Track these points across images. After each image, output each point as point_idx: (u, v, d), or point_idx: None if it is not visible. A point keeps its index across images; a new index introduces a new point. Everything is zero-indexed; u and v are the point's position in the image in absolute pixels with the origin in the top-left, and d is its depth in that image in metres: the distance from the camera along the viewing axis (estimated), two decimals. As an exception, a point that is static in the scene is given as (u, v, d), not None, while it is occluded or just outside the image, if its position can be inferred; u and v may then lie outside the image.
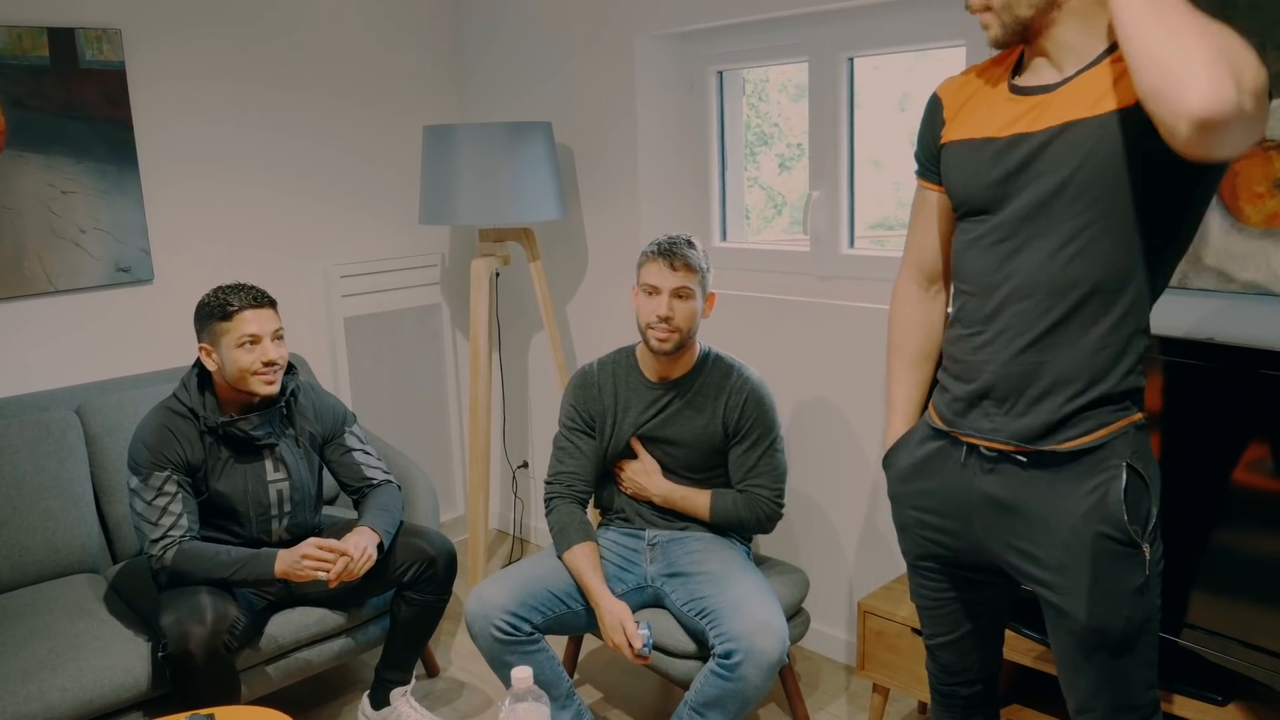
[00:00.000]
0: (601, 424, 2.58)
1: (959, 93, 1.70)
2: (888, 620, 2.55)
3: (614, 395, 2.58)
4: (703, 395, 2.52)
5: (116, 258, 3.08)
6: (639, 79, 3.30)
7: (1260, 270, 2.11)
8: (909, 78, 2.99)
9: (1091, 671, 1.61)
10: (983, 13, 1.56)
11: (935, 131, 1.73)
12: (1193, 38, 1.24)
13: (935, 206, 1.78)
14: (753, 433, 2.50)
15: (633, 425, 2.56)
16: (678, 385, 2.53)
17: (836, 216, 3.01)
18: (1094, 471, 1.54)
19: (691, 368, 2.54)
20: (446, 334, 3.99)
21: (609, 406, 2.58)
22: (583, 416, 2.59)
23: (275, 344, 2.48)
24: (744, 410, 2.49)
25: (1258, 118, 1.24)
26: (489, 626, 2.36)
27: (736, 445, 2.52)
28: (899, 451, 1.82)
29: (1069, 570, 1.56)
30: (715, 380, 2.52)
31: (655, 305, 2.42)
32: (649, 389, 2.55)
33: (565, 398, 2.63)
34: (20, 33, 2.84)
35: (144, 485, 2.40)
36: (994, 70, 1.66)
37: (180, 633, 2.24)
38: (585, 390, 2.60)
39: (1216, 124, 1.22)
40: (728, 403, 2.50)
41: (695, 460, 2.55)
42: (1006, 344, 1.58)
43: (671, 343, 2.43)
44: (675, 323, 2.41)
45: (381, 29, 3.69)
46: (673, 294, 2.42)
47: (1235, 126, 1.22)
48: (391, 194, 3.79)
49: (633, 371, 2.58)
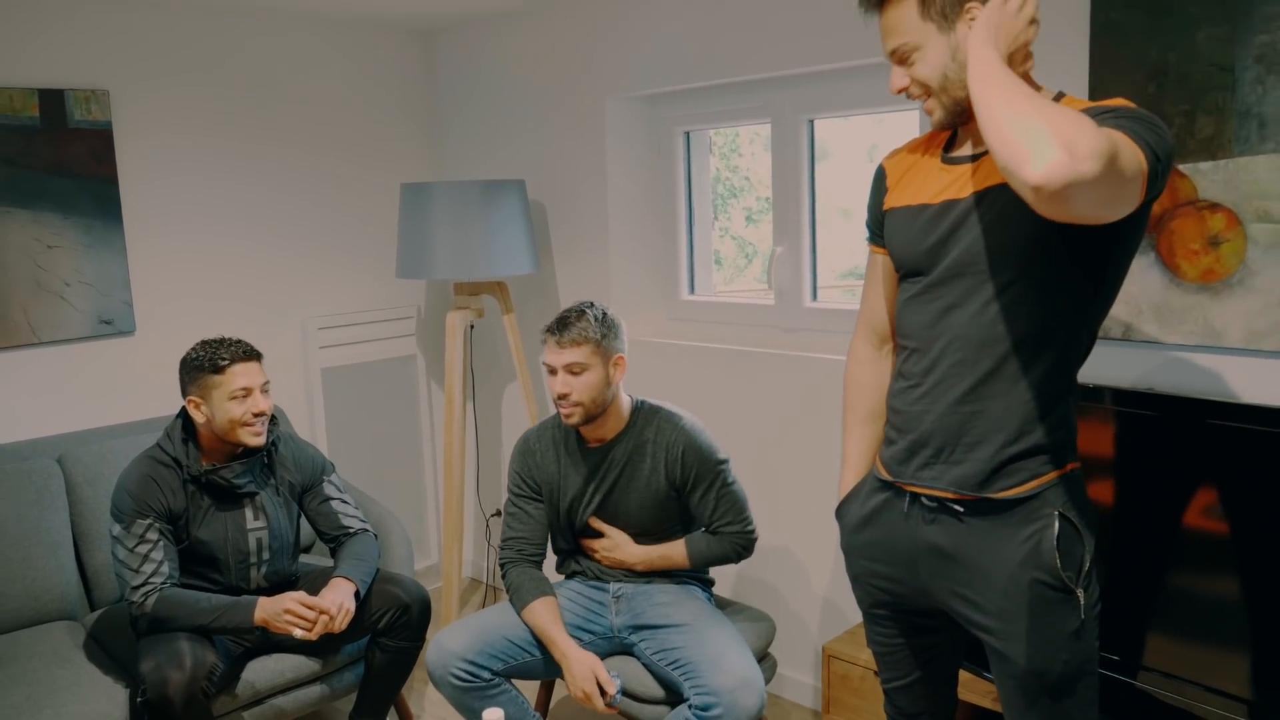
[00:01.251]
0: (549, 490, 2.62)
1: (900, 164, 1.84)
2: (851, 664, 2.63)
3: (556, 462, 2.61)
4: (640, 452, 2.55)
5: (100, 310, 3.16)
6: (609, 138, 3.43)
7: (1198, 323, 2.23)
8: (877, 129, 3.12)
9: (1034, 715, 1.68)
10: (925, 99, 1.68)
11: (880, 199, 1.87)
12: (1031, 116, 1.36)
13: (883, 269, 1.90)
14: (702, 479, 2.53)
15: (576, 494, 2.59)
16: (614, 445, 2.57)
17: (799, 270, 3.13)
18: (1028, 520, 1.63)
19: (625, 425, 2.57)
20: (422, 384, 4.07)
21: (552, 474, 2.61)
22: (528, 483, 2.63)
23: (264, 396, 2.56)
24: (684, 461, 2.52)
25: (1107, 179, 1.34)
26: (447, 674, 2.42)
27: (690, 494, 2.55)
28: (850, 504, 1.91)
29: (1008, 616, 1.64)
30: (650, 435, 2.55)
31: (553, 384, 2.47)
32: (587, 455, 2.58)
33: (511, 464, 2.67)
34: (12, 93, 2.93)
35: (126, 532, 2.46)
36: (931, 143, 1.80)
37: (159, 678, 2.29)
38: (527, 458, 2.64)
39: (1056, 192, 1.32)
40: (667, 457, 2.52)
41: (647, 520, 2.58)
42: (942, 395, 1.68)
43: (577, 416, 2.47)
44: (574, 398, 2.45)
45: (360, 89, 3.81)
46: (566, 370, 2.45)
47: (1078, 191, 1.32)
48: (369, 248, 3.89)
49: (569, 436, 2.61)
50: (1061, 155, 1.31)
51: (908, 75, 1.67)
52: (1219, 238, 2.17)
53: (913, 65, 1.66)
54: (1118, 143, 1.37)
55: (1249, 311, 2.15)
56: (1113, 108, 1.50)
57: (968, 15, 1.59)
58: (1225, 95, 2.13)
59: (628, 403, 2.59)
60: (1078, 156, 1.31)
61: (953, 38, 1.61)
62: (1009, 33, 1.55)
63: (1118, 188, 1.38)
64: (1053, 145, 1.32)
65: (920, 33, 1.63)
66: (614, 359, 2.49)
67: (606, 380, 2.47)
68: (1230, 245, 2.16)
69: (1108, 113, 1.49)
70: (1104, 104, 1.53)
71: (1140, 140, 1.43)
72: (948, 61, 1.62)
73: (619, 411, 2.56)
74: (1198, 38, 2.15)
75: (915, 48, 1.64)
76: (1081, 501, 1.67)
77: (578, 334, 2.44)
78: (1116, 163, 1.35)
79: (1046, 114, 1.35)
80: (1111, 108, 1.50)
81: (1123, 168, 1.37)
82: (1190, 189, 2.20)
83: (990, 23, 1.54)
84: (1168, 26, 2.19)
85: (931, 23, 1.61)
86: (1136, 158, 1.40)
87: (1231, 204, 2.15)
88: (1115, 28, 2.26)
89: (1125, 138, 1.41)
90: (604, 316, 2.49)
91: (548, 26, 3.56)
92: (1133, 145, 1.41)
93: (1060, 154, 1.31)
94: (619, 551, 2.61)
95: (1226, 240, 2.16)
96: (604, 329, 2.47)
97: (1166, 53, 2.20)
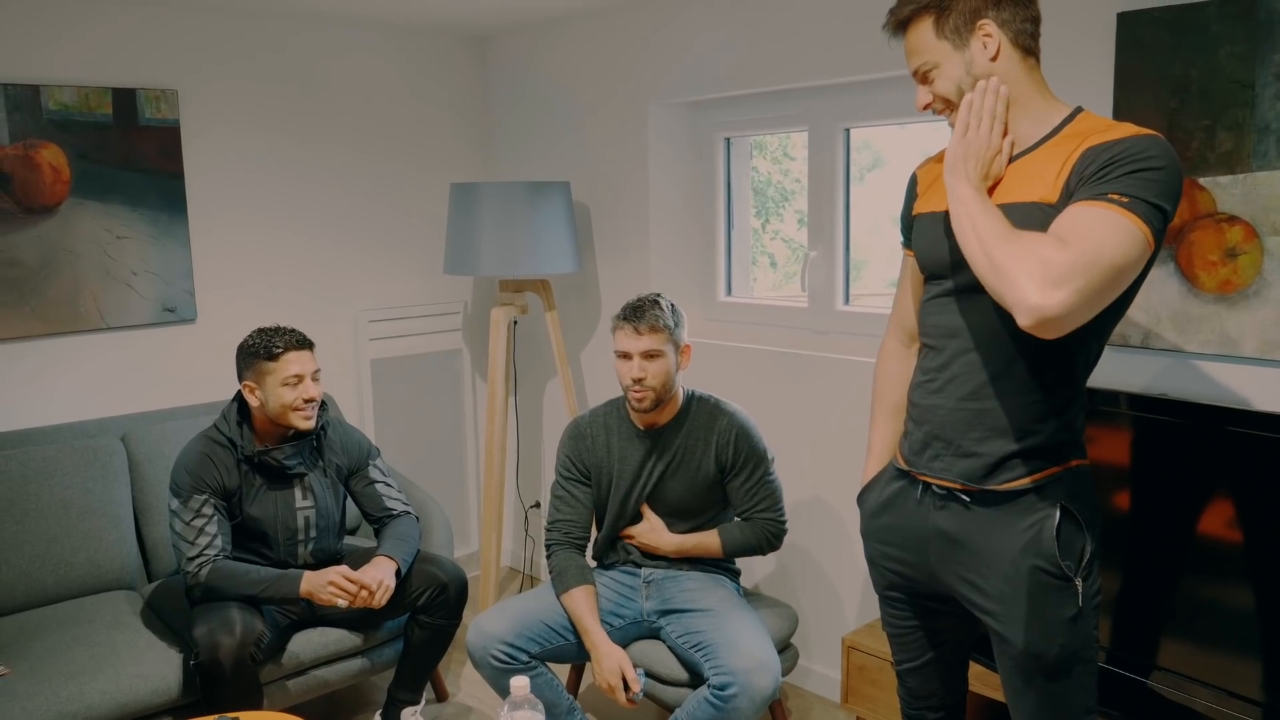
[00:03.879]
0: (598, 474, 2.74)
1: (930, 171, 1.94)
2: (870, 655, 2.70)
3: (607, 446, 2.73)
4: (693, 437, 2.68)
5: (164, 298, 3.33)
6: (652, 143, 3.54)
7: (1214, 333, 2.28)
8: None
9: (1030, 695, 1.77)
10: (948, 114, 1.78)
11: (910, 205, 1.98)
12: (1003, 261, 1.54)
13: (912, 271, 2.00)
14: (747, 464, 2.66)
15: (632, 477, 2.70)
16: (665, 431, 2.69)
17: (832, 275, 3.21)
18: (1030, 510, 1.72)
19: (677, 412, 2.70)
20: (466, 378, 4.20)
21: (603, 458, 2.73)
22: (578, 466, 2.75)
23: (315, 383, 2.70)
24: (735, 445, 2.65)
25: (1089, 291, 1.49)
26: (488, 655, 2.54)
27: (733, 479, 2.67)
28: (870, 491, 2.01)
29: (1008, 600, 1.73)
30: (702, 421, 2.68)
31: (628, 369, 2.59)
32: (641, 438, 2.71)
33: (560, 449, 2.78)
34: (88, 92, 3.11)
35: (184, 507, 2.61)
36: None
37: (211, 643, 2.43)
38: (579, 441, 2.76)
39: (1040, 326, 1.51)
40: (718, 441, 2.66)
41: (692, 503, 2.70)
42: (953, 392, 1.77)
43: (648, 401, 2.60)
44: (648, 383, 2.58)
45: (414, 92, 3.96)
46: (642, 356, 2.58)
47: (1062, 320, 1.50)
48: (418, 245, 4.03)
49: (623, 422, 2.74)
50: (1032, 300, 1.49)
51: (930, 92, 1.77)
52: (1236, 250, 2.23)
53: (933, 82, 1.76)
54: (1094, 251, 1.49)
55: (1264, 322, 2.20)
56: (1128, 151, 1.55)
57: (980, 33, 1.68)
58: (1245, 111, 2.19)
59: (681, 391, 2.71)
60: (1045, 295, 1.48)
61: (967, 54, 1.70)
62: (977, 156, 1.68)
63: (1110, 283, 1.51)
64: (1021, 290, 1.50)
65: (937, 51, 1.73)
66: (682, 347, 2.64)
67: (674, 368, 2.61)
68: (1247, 257, 2.21)
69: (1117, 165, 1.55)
70: (1126, 136, 1.58)
71: (1136, 210, 1.52)
72: (963, 77, 1.71)
73: (675, 398, 2.68)
74: (1219, 55, 2.21)
75: (934, 65, 1.74)
76: (1085, 495, 1.74)
77: (654, 321, 2.58)
78: (1096, 272, 1.49)
79: (1020, 255, 1.52)
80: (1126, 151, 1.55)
81: (1109, 268, 1.50)
82: (1210, 202, 2.26)
83: (956, 156, 1.68)
84: (1191, 44, 2.25)
85: (946, 41, 1.71)
86: (1127, 242, 1.51)
87: (1249, 217, 2.20)
88: (1140, 44, 2.33)
89: (1111, 227, 1.50)
90: (673, 307, 2.64)
91: (595, 34, 3.68)
92: (1123, 229, 1.50)
93: (1031, 299, 1.49)
94: (654, 536, 2.71)
95: (1244, 252, 2.22)
96: (675, 318, 2.63)
97: (1189, 69, 2.26)
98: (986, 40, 1.69)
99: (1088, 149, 1.60)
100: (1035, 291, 1.48)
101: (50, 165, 3.06)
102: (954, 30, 1.70)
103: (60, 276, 3.11)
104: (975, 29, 1.69)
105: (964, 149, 1.68)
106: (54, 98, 3.05)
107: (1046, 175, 1.65)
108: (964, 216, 1.62)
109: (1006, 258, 1.53)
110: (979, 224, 1.59)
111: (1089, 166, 1.58)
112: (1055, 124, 1.70)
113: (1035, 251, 1.51)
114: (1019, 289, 1.50)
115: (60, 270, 3.11)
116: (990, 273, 1.56)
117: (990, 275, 1.56)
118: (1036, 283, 1.48)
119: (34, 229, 3.05)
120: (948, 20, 1.70)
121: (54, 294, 3.11)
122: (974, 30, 1.69)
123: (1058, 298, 1.47)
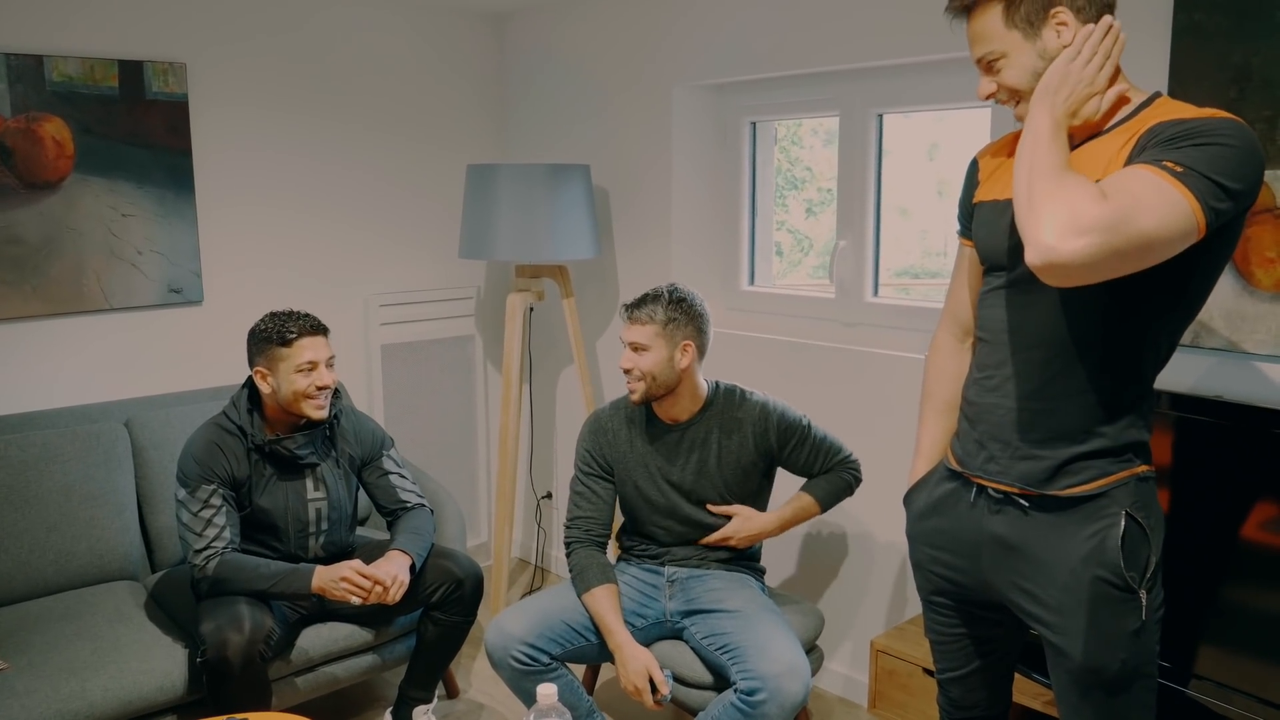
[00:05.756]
0: (619, 468, 2.66)
1: (993, 158, 1.85)
2: (899, 660, 2.62)
3: (628, 440, 2.65)
4: (724, 429, 2.59)
5: (170, 279, 3.23)
6: (675, 126, 3.43)
7: (1270, 332, 2.19)
8: (938, 128, 3.09)
9: (1087, 710, 1.68)
10: (1015, 104, 1.68)
11: (970, 192, 1.88)
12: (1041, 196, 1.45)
13: (969, 262, 1.90)
14: (793, 436, 2.61)
15: (657, 470, 2.61)
16: (691, 425, 2.61)
17: (862, 265, 3.12)
18: (1094, 518, 1.63)
19: (701, 406, 2.61)
20: (479, 365, 4.11)
21: (624, 452, 2.65)
22: (598, 461, 2.67)
23: (329, 370, 2.60)
24: (776, 428, 2.59)
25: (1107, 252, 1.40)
26: (508, 657, 2.46)
27: (790, 455, 2.62)
28: (919, 491, 1.92)
29: (1067, 611, 1.64)
30: (731, 413, 2.60)
31: (622, 358, 2.55)
32: (664, 433, 2.62)
33: (580, 443, 2.71)
34: (93, 64, 3.00)
35: (191, 497, 2.52)
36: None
37: (219, 640, 2.34)
38: (599, 436, 2.68)
39: (1042, 270, 1.44)
40: (754, 430, 2.58)
41: (735, 489, 2.61)
42: (1012, 390, 1.68)
43: (637, 392, 2.54)
44: (635, 374, 2.52)
45: (430, 70, 3.85)
46: (630, 347, 2.53)
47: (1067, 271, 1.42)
48: (432, 228, 3.93)
49: (643, 414, 2.66)
50: (1046, 240, 1.42)
51: (994, 82, 1.68)
52: (1297, 246, 2.14)
53: (999, 72, 1.66)
54: (1129, 211, 1.40)
55: (1325, 322, 2.11)
56: (1196, 127, 1.47)
57: (1054, 20, 1.59)
58: (1310, 101, 2.09)
59: (704, 386, 2.62)
60: (1063, 239, 1.41)
61: (1039, 43, 1.61)
62: (1072, 89, 1.56)
63: (1138, 250, 1.42)
64: (1042, 229, 1.43)
65: (1005, 41, 1.63)
66: (680, 344, 2.52)
67: (669, 362, 2.51)
68: (1308, 254, 2.12)
69: (1183, 137, 1.47)
70: (1198, 115, 1.50)
71: (1188, 181, 1.42)
72: (1036, 66, 1.61)
73: (693, 393, 2.59)
74: (1284, 41, 2.11)
75: (1001, 54, 1.65)
76: (1151, 504, 1.66)
77: (644, 314, 2.52)
78: (1122, 234, 1.39)
79: (1056, 195, 1.44)
80: (1195, 127, 1.47)
81: (1139, 233, 1.40)
82: (1269, 196, 2.16)
83: (1050, 86, 1.56)
84: (1251, 30, 2.14)
85: (1017, 30, 1.62)
86: (1167, 212, 1.41)
87: (1311, 212, 2.11)
88: (1197, 29, 2.22)
89: (1154, 192, 1.41)
90: (679, 302, 2.53)
91: (617, 12, 3.57)
92: (1167, 197, 1.41)
93: (1046, 239, 1.42)
94: (750, 525, 2.62)
95: (1305, 249, 2.13)
96: (672, 314, 2.51)
97: (1250, 57, 2.15)
98: (1061, 29, 1.59)
99: (1155, 124, 1.52)
100: (1053, 233, 1.41)
101: (53, 139, 2.95)
102: (1025, 19, 1.60)
103: (63, 255, 3.01)
104: (1048, 17, 1.59)
105: (1062, 77, 1.56)
106: (58, 69, 2.94)
107: (1111, 152, 1.57)
108: (1028, 146, 1.53)
109: (1043, 194, 1.45)
110: (1038, 155, 1.50)
111: (1153, 139, 1.50)
112: (1131, 109, 1.61)
113: (1073, 195, 1.43)
114: (1040, 226, 1.43)
115: (63, 249, 3.00)
116: (1024, 203, 1.48)
117: (1023, 205, 1.48)
118: (1059, 226, 1.41)
119: (36, 205, 2.94)
120: (1018, 9, 1.60)
121: (56, 273, 3.00)
122: (1047, 19, 1.60)
123: (1073, 246, 1.40)
